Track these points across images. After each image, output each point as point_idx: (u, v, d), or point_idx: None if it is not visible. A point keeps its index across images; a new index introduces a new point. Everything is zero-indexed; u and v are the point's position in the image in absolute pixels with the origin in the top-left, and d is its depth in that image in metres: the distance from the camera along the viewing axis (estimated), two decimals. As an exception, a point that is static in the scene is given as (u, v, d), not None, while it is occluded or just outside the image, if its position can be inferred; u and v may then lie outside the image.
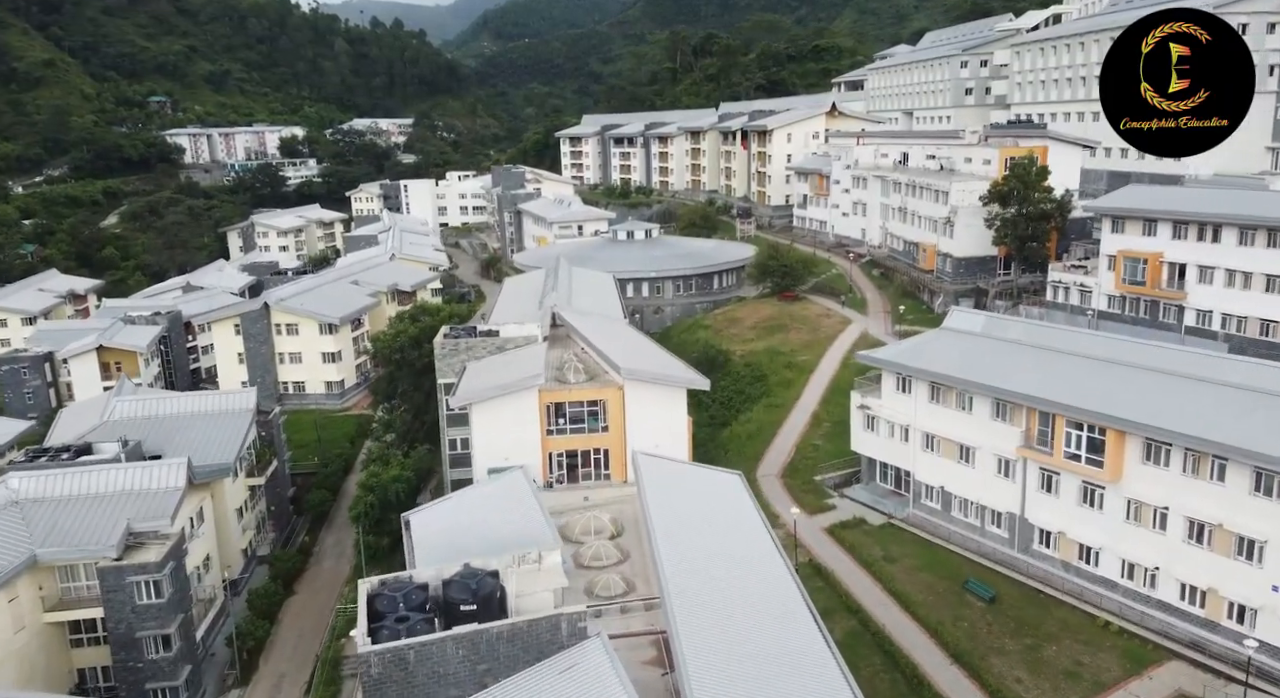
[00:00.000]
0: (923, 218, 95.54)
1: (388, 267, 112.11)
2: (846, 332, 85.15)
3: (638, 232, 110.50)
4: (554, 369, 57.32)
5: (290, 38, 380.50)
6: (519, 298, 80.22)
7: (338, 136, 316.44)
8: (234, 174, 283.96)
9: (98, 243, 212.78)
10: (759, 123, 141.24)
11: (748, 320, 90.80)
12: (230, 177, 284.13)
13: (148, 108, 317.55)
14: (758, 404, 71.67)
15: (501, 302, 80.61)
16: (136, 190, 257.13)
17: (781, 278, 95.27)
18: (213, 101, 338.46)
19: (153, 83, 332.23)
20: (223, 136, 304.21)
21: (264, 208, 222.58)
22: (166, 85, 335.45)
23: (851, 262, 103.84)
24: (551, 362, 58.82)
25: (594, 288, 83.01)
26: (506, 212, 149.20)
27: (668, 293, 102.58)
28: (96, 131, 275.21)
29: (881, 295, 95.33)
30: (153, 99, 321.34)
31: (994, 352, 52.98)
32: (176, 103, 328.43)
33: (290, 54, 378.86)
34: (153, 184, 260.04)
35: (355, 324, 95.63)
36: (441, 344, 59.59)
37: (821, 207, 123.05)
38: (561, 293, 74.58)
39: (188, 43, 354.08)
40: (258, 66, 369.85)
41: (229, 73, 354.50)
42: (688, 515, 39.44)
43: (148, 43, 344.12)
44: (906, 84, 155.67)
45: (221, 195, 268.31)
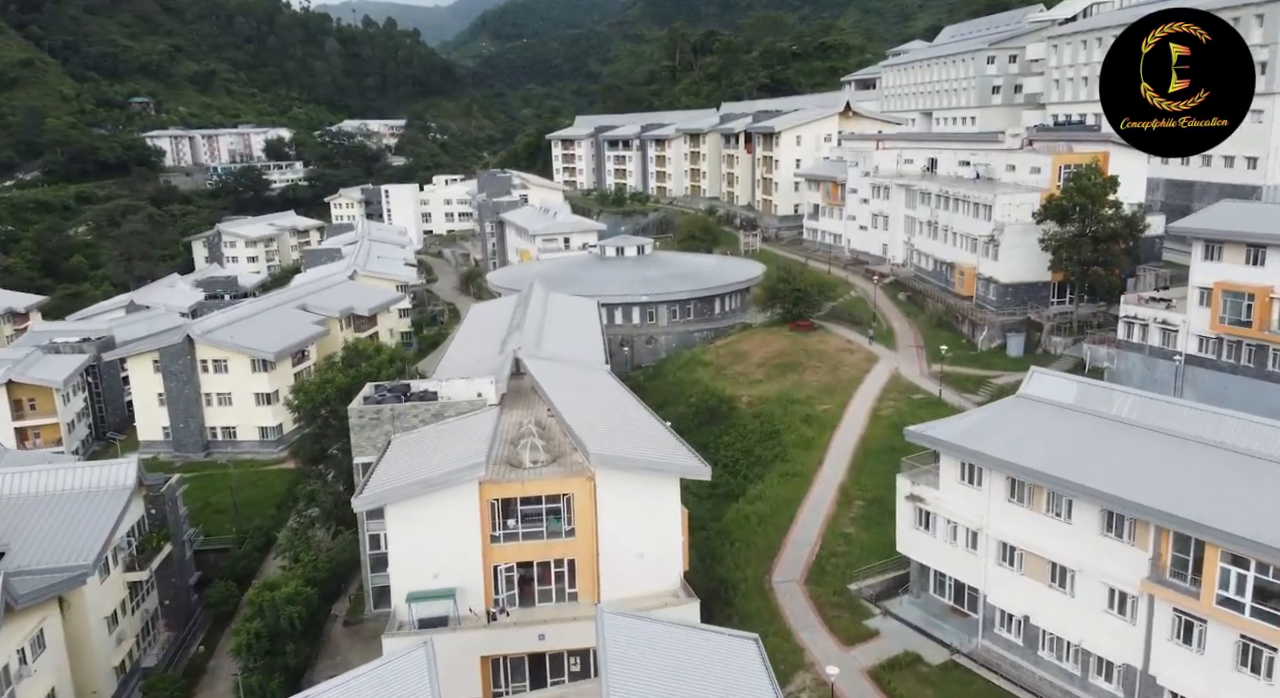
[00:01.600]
0: (959, 235, 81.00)
1: (345, 287, 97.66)
2: (873, 372, 70.63)
3: (628, 247, 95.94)
4: (507, 445, 43.09)
5: (279, 37, 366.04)
6: (480, 334, 65.75)
7: (326, 138, 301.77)
8: (216, 177, 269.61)
9: (65, 251, 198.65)
10: (765, 124, 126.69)
11: (755, 355, 76.27)
12: (212, 180, 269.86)
13: (129, 109, 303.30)
14: (771, 471, 57.15)
15: (458, 340, 66.11)
16: (111, 195, 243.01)
17: (794, 304, 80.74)
18: (198, 102, 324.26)
19: (135, 83, 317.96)
20: (206, 138, 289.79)
21: (247, 213, 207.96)
22: (150, 86, 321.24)
23: (875, 283, 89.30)
24: (506, 432, 44.62)
25: (572, 321, 68.51)
26: (488, 221, 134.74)
27: (662, 320, 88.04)
28: (71, 133, 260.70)
29: (911, 325, 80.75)
30: (134, 100, 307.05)
31: (1099, 435, 38.37)
32: (160, 104, 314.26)
33: (279, 53, 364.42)
34: (127, 188, 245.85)
35: (298, 357, 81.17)
36: (359, 411, 45.11)
37: (835, 218, 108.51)
38: (530, 330, 60.16)
39: (173, 42, 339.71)
40: (245, 66, 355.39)
41: (215, 73, 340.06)
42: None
43: (131, 42, 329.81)
44: (925, 82, 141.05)
45: (201, 200, 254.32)
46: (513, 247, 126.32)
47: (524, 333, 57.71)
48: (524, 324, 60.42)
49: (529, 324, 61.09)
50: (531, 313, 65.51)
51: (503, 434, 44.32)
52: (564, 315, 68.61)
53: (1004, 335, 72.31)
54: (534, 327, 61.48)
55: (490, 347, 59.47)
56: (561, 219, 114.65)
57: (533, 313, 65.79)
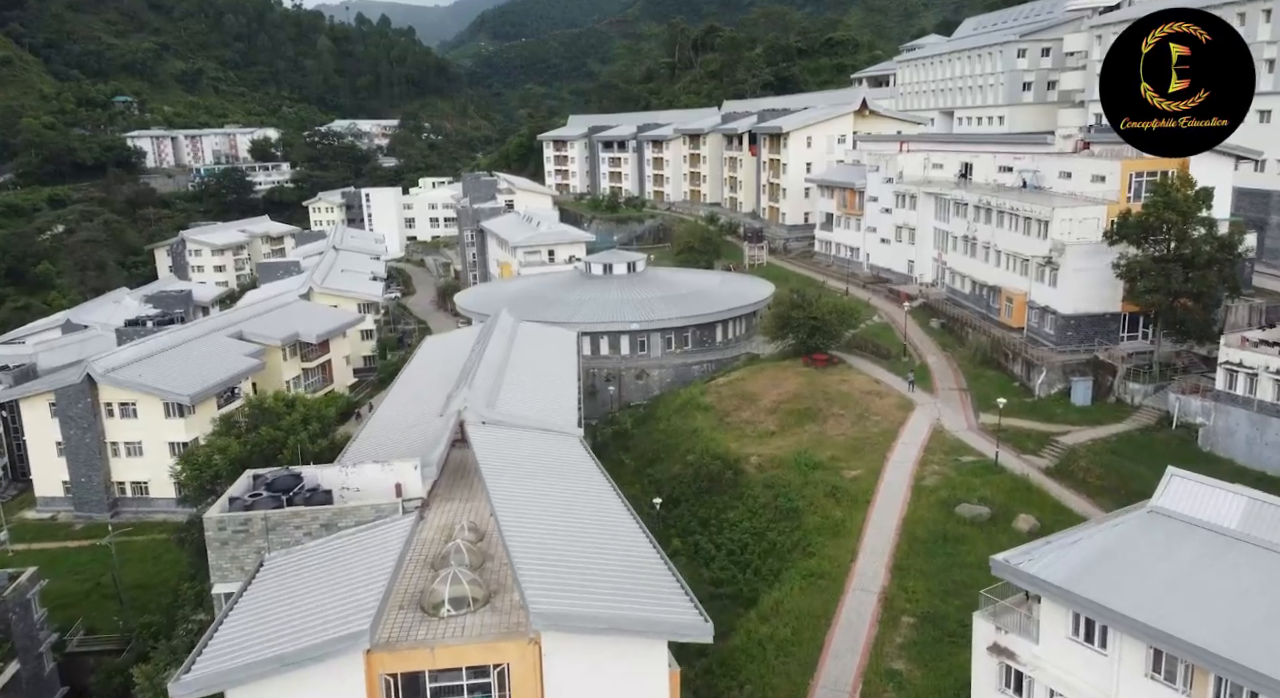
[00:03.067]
0: (1004, 255, 67.75)
1: (294, 309, 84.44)
2: (910, 423, 57.36)
3: (618, 264, 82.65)
4: (425, 570, 30.24)
5: (269, 35, 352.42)
6: (426, 381, 52.53)
7: (314, 139, 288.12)
8: (198, 179, 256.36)
9: (33, 258, 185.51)
10: (771, 124, 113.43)
11: (765, 397, 62.99)
12: (194, 182, 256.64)
13: (111, 109, 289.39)
14: (790, 568, 43.93)
15: (398, 389, 52.77)
16: (86, 198, 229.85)
17: (809, 335, 67.48)
18: (184, 102, 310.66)
19: (120, 82, 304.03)
20: (189, 139, 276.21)
21: (230, 217, 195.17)
22: (135, 85, 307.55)
23: (903, 306, 76.08)
24: (428, 547, 31.85)
25: (542, 363, 55.31)
26: (468, 229, 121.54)
27: (655, 350, 74.84)
28: (47, 134, 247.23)
29: (949, 361, 67.46)
30: (117, 99, 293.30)
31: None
32: (144, 103, 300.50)
33: (269, 52, 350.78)
34: (103, 191, 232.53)
35: (225, 397, 67.98)
36: (219, 522, 31.86)
37: (852, 229, 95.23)
38: (485, 379, 46.98)
39: (159, 40, 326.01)
40: (234, 65, 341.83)
41: (202, 72, 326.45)
42: None
43: (116, 40, 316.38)
44: (945, 79, 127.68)
45: (182, 203, 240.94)
46: (494, 258, 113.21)
47: (474, 387, 44.50)
48: (477, 371, 47.21)
49: (484, 371, 47.89)
50: (492, 353, 52.32)
51: (420, 555, 31.34)
52: (533, 356, 55.38)
53: (1067, 379, 59.03)
54: (491, 373, 48.28)
55: (433, 401, 46.34)
56: (545, 230, 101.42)
57: (493, 352, 52.60)
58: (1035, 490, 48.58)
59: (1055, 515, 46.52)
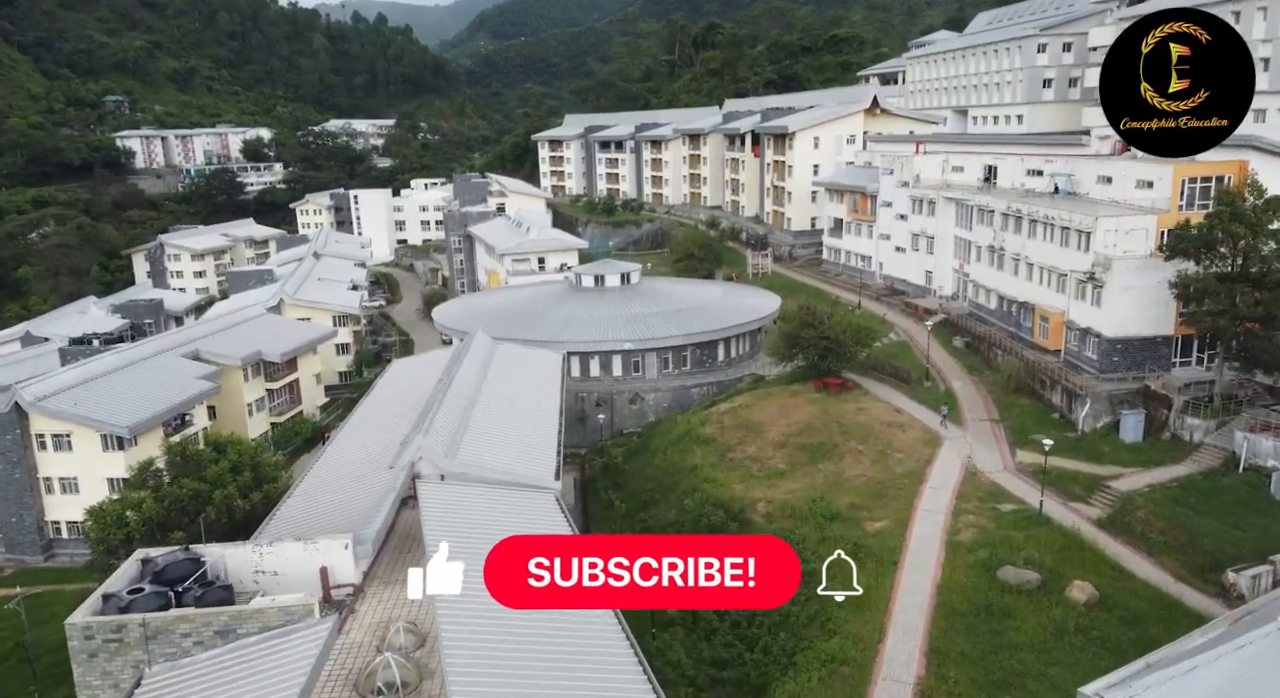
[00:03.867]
0: (1038, 269, 60.65)
1: (260, 323, 77.34)
2: (939, 462, 50.31)
3: (610, 276, 75.60)
4: (349, 691, 23.45)
5: (264, 33, 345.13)
6: (383, 419, 45.49)
7: (308, 139, 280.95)
8: (188, 180, 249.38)
9: (14, 262, 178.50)
10: (776, 123, 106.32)
11: (772, 429, 55.89)
12: (184, 183, 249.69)
13: (101, 108, 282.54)
14: (807, 650, 36.83)
15: (351, 427, 45.51)
16: (72, 199, 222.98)
17: (821, 357, 60.39)
18: (176, 101, 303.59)
19: (111, 81, 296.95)
20: (180, 139, 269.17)
21: (220, 219, 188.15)
22: (126, 83, 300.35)
23: (922, 320, 69.09)
24: (351, 661, 24.95)
25: (520, 393, 48.27)
26: (455, 234, 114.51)
27: (650, 371, 67.78)
28: (33, 134, 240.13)
29: (978, 387, 60.36)
30: (108, 98, 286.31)
31: None
32: (135, 103, 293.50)
33: (264, 51, 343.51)
34: (89, 192, 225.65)
35: (175, 425, 60.97)
36: (86, 628, 24.77)
37: (864, 236, 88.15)
38: (448, 416, 39.99)
39: (152, 38, 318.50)
40: (228, 64, 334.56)
41: (195, 70, 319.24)
42: None
43: (107, 38, 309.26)
44: (959, 76, 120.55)
45: (170, 204, 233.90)
46: (482, 266, 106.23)
47: (432, 431, 37.44)
48: (440, 408, 40.14)
49: (448, 408, 40.83)
50: (460, 383, 45.27)
51: (343, 668, 24.42)
52: (509, 387, 48.33)
53: (1114, 411, 51.96)
54: (456, 411, 41.22)
55: (389, 443, 39.29)
56: (535, 236, 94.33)
57: (462, 383, 45.56)
58: (1088, 549, 41.54)
59: (1115, 582, 39.55)
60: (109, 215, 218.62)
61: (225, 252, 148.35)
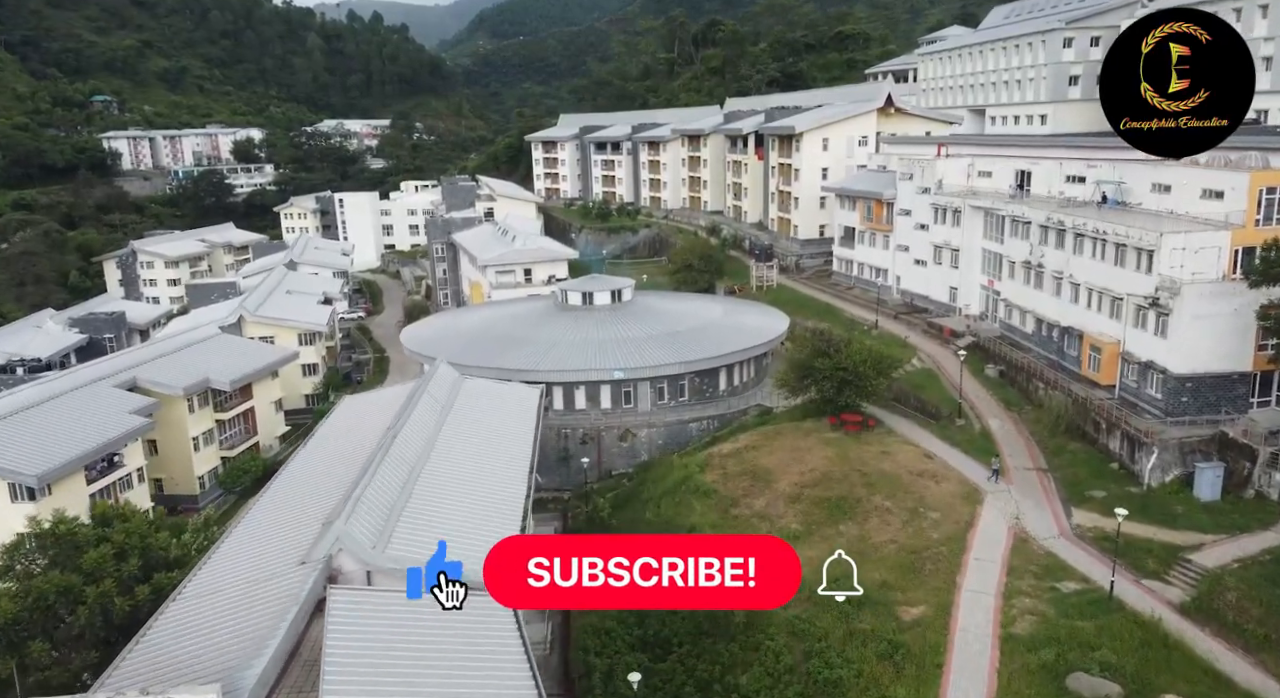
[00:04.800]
0: (1087, 290, 52.58)
1: (212, 345, 69.20)
2: (981, 524, 42.26)
3: (599, 293, 67.45)
4: None
5: (257, 32, 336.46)
6: (314, 481, 37.35)
7: (301, 139, 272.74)
8: (176, 182, 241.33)
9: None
10: (782, 124, 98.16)
11: (783, 477, 47.84)
12: (171, 185, 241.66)
13: (89, 108, 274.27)
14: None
15: (266, 502, 37.20)
16: (55, 202, 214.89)
17: (838, 390, 52.32)
18: (166, 101, 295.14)
19: (100, 81, 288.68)
20: (168, 140, 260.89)
21: (209, 222, 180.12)
22: (115, 83, 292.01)
23: (949, 344, 61.08)
24: None
25: (484, 447, 40.19)
26: (437, 242, 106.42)
27: (643, 402, 59.69)
28: (16, 135, 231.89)
29: (1017, 426, 52.25)
30: (96, 98, 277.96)
31: None
32: (124, 103, 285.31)
33: (257, 50, 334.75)
34: (72, 195, 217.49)
35: (100, 468, 52.99)
36: None
37: (879, 247, 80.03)
38: (384, 488, 32.11)
39: (142, 37, 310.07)
40: (220, 63, 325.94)
41: (186, 70, 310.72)
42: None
43: (97, 37, 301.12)
44: (975, 73, 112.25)
45: (156, 207, 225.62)
46: (466, 277, 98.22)
47: (359, 512, 29.50)
48: (374, 477, 32.13)
49: (387, 476, 32.81)
50: (409, 436, 37.25)
51: None
52: (470, 441, 40.24)
53: (1186, 462, 43.88)
54: (397, 479, 33.22)
55: (313, 520, 31.28)
56: (521, 245, 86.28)
57: (412, 435, 37.54)
58: (1175, 646, 33.56)
59: (1212, 692, 31.61)
60: (90, 219, 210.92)
61: (202, 258, 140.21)
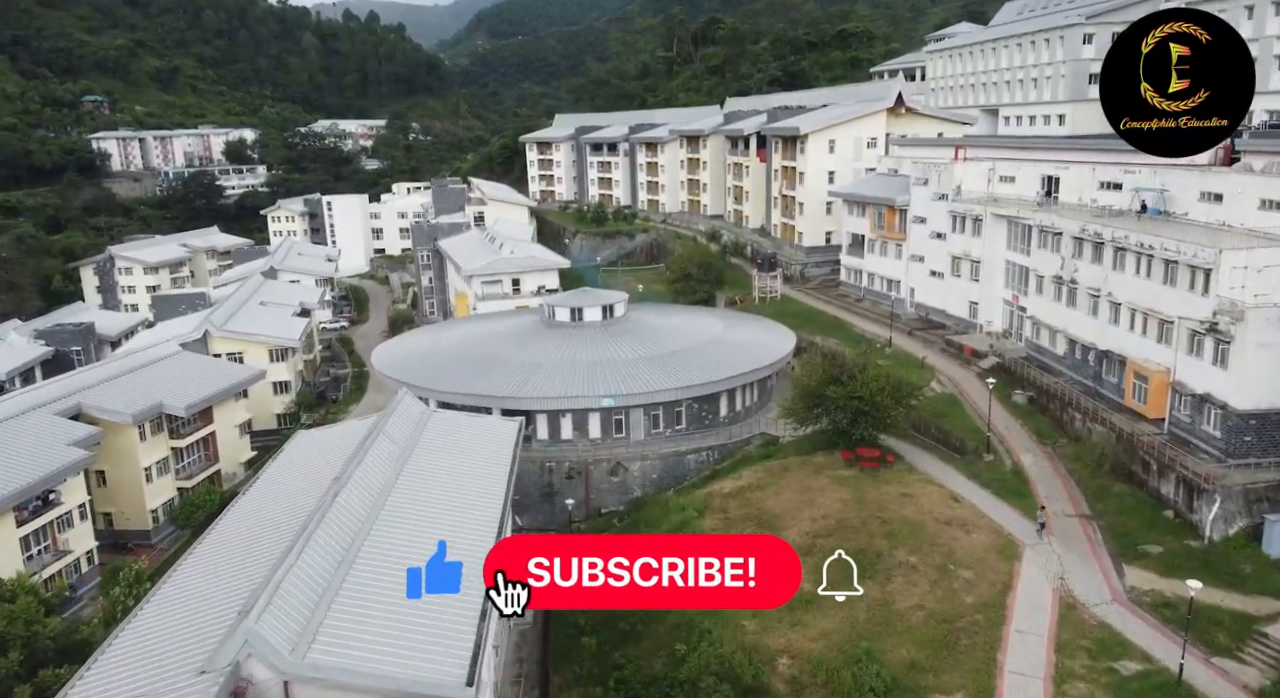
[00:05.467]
0: (1130, 310, 46.90)
1: (169, 365, 63.53)
2: (1022, 585, 36.55)
3: (589, 309, 61.72)
4: None
5: (251, 32, 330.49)
6: (250, 541, 31.71)
7: (294, 140, 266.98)
8: (166, 183, 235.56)
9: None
10: (786, 124, 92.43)
11: (792, 524, 42.19)
12: (161, 185, 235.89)
13: (80, 109, 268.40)
14: None
15: (188, 568, 31.41)
16: (41, 204, 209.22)
17: (852, 421, 46.63)
18: (158, 102, 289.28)
19: (91, 81, 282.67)
20: (159, 140, 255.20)
21: (197, 225, 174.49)
22: (107, 83, 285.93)
23: (971, 364, 55.41)
24: None
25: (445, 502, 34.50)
26: (423, 248, 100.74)
27: (636, 432, 54.00)
28: (3, 136, 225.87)
29: (1052, 461, 46.56)
30: (86, 98, 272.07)
31: None
32: (115, 103, 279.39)
33: (251, 49, 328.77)
34: (59, 197, 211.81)
35: (34, 506, 47.36)
36: None
37: (890, 256, 74.32)
38: (313, 568, 26.45)
39: (134, 37, 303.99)
40: (213, 63, 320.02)
41: (179, 70, 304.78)
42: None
43: (88, 36, 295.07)
44: (988, 71, 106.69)
45: (145, 210, 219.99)
46: (452, 286, 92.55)
47: (280, 600, 23.86)
48: (303, 555, 26.45)
49: (318, 551, 27.11)
50: (355, 495, 31.59)
51: None
52: (427, 496, 34.50)
53: (1252, 512, 38.22)
54: (333, 552, 27.56)
55: (228, 602, 25.60)
56: (508, 253, 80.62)
57: (359, 493, 31.89)
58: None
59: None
60: (77, 221, 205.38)
61: (183, 264, 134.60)
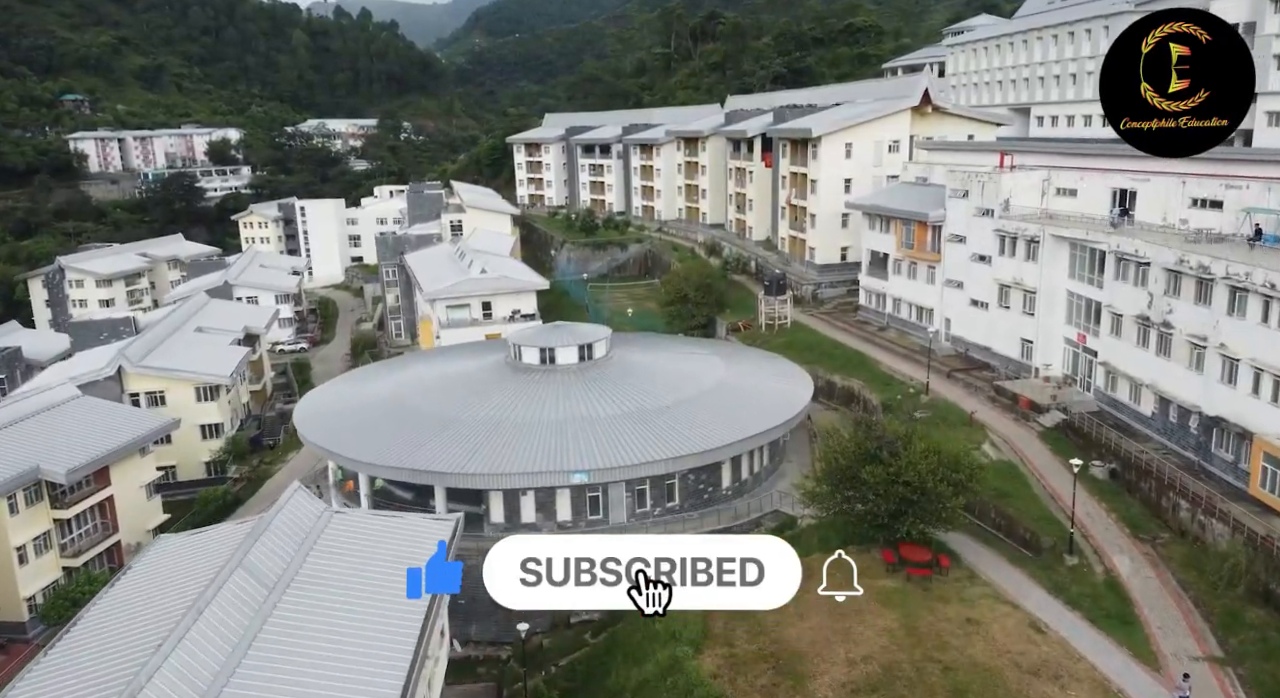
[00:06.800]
0: (1255, 370, 35.58)
1: (67, 412, 52.21)
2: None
3: (563, 349, 50.35)
4: None
5: (239, 29, 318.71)
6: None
7: (281, 140, 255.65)
8: (144, 186, 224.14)
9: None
10: (795, 125, 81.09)
11: (822, 669, 31.00)
12: (140, 187, 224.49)
13: (59, 108, 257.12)
14: None
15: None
16: (10, 208, 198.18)
17: (895, 514, 35.34)
18: (142, 100, 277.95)
19: (73, 79, 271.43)
20: (139, 140, 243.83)
21: (175, 229, 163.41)
22: (89, 82, 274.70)
23: (1029, 422, 44.12)
24: None
25: (327, 652, 23.01)
26: (388, 264, 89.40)
27: (617, 512, 42.67)
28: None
29: (1158, 569, 35.14)
30: (66, 97, 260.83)
31: None
32: (97, 102, 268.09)
33: (239, 47, 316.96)
34: (30, 200, 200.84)
35: None
36: None
37: (921, 280, 62.93)
38: None
39: (118, 34, 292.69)
40: (200, 61, 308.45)
41: (164, 67, 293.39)
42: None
43: (70, 33, 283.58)
44: (1017, 66, 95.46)
45: (121, 213, 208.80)
46: (420, 308, 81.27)
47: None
48: None
49: None
50: (194, 653, 20.40)
51: None
52: (303, 649, 23.28)
53: None
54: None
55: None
56: (478, 271, 69.37)
57: (199, 652, 20.67)
58: None
59: None
60: (47, 225, 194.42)
61: (141, 275, 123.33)
